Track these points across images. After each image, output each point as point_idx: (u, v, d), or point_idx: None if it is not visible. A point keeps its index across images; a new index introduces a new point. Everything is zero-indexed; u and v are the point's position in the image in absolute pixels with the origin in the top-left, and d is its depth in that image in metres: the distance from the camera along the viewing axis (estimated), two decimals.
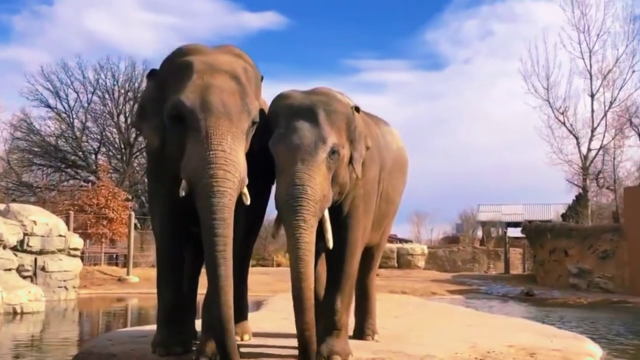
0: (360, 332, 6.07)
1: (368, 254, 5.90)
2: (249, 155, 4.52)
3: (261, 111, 4.73)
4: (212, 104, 4.29)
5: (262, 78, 4.95)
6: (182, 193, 4.33)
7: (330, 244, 4.60)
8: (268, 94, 5.04)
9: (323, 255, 5.17)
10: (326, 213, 4.54)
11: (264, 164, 4.65)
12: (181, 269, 5.26)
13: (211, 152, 4.19)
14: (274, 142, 4.55)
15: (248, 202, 4.40)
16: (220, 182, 4.15)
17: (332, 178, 4.56)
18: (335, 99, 4.75)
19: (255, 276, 4.21)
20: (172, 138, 4.53)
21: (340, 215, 4.94)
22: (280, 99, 4.81)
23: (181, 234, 5.06)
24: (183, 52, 4.66)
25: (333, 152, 4.50)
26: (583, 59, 28.63)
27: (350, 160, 4.76)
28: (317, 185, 4.38)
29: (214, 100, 4.30)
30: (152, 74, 4.82)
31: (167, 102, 4.47)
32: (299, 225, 4.31)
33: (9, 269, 11.83)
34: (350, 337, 5.34)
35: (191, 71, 4.44)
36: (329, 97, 4.74)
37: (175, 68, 4.56)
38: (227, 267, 4.17)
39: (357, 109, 4.91)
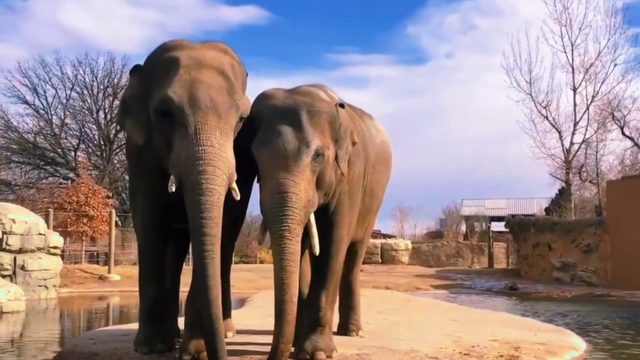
0: (345, 328, 6.05)
1: (352, 249, 5.87)
2: (234, 150, 4.47)
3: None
4: (201, 100, 4.24)
5: (247, 74, 4.90)
6: (172, 188, 4.28)
7: (317, 250, 4.54)
8: (251, 89, 5.00)
9: (307, 252, 5.12)
10: (312, 218, 4.49)
11: (245, 161, 4.57)
12: (163, 266, 5.22)
13: (200, 148, 4.16)
14: (257, 146, 4.49)
15: (238, 197, 4.35)
16: (209, 180, 4.12)
17: (317, 180, 4.51)
18: (318, 99, 4.67)
19: (239, 273, 4.15)
20: (158, 134, 4.47)
21: (326, 212, 4.89)
22: (263, 98, 4.74)
23: (163, 230, 5.02)
24: (168, 48, 4.60)
25: (317, 155, 4.44)
26: (565, 52, 28.83)
27: (336, 159, 4.70)
28: (301, 192, 4.33)
29: (202, 96, 4.26)
30: (135, 70, 4.77)
31: (153, 98, 4.41)
32: (283, 235, 4.27)
33: None
34: (334, 333, 5.32)
35: (177, 66, 4.39)
36: (312, 97, 4.66)
37: (161, 63, 4.50)
38: (214, 267, 4.14)
39: (341, 105, 4.84)
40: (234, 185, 4.32)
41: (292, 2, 69.46)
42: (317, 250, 4.54)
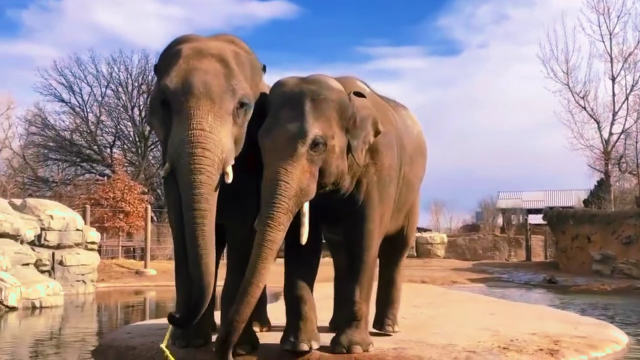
0: (381, 323, 5.90)
1: (393, 242, 5.81)
2: (251, 142, 4.49)
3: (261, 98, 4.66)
4: (194, 85, 4.25)
5: (264, 67, 4.88)
6: (163, 174, 4.38)
7: (304, 240, 4.45)
8: None
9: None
10: (305, 207, 4.42)
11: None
12: None
13: (191, 132, 4.17)
14: (260, 134, 4.48)
15: (229, 181, 4.30)
16: (197, 160, 4.12)
17: (322, 169, 4.44)
18: (326, 87, 4.58)
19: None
20: (163, 123, 4.50)
21: (354, 205, 4.84)
22: (275, 86, 4.72)
23: None
24: (175, 42, 4.66)
25: (316, 144, 4.37)
26: (603, 41, 28.21)
27: (349, 148, 4.61)
28: (293, 181, 4.29)
29: (195, 82, 4.27)
30: (154, 69, 4.79)
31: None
32: (266, 222, 4.26)
33: (27, 264, 11.86)
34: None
35: (179, 57, 4.43)
36: (319, 85, 4.57)
37: (167, 57, 4.56)
38: (205, 238, 4.13)
39: (358, 94, 4.73)
40: (228, 170, 4.28)
41: None
42: (303, 240, 4.45)
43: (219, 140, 4.21)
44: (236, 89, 4.37)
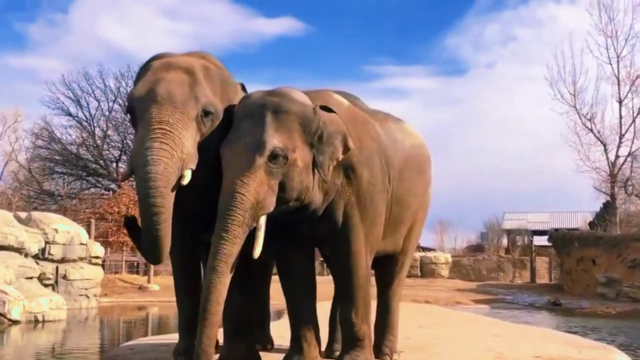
0: (378, 350, 5.44)
1: (389, 263, 5.56)
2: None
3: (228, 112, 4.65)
4: (157, 93, 4.30)
5: (243, 86, 4.92)
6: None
7: (256, 254, 4.27)
8: None
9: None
10: (262, 220, 4.26)
11: None
12: (197, 276, 5.20)
13: (151, 130, 4.18)
14: (222, 145, 4.40)
15: (184, 183, 4.26)
16: (154, 152, 4.11)
17: (283, 183, 4.30)
18: (290, 100, 4.46)
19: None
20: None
21: (334, 225, 4.69)
22: (241, 100, 4.64)
23: (192, 241, 5.05)
24: (150, 59, 4.74)
25: (275, 156, 4.24)
26: (611, 64, 28.32)
27: (314, 164, 4.46)
28: (249, 193, 4.16)
29: (159, 90, 4.31)
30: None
31: None
32: (220, 235, 4.12)
33: (31, 277, 11.88)
34: None
35: (149, 71, 4.53)
36: (282, 98, 4.46)
37: (140, 73, 4.67)
38: (161, 224, 4.09)
39: (325, 108, 4.55)
40: (185, 173, 4.25)
41: (328, 13, 69.68)
42: (256, 254, 4.27)
43: (179, 139, 4.21)
44: (199, 96, 4.39)
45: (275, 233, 4.47)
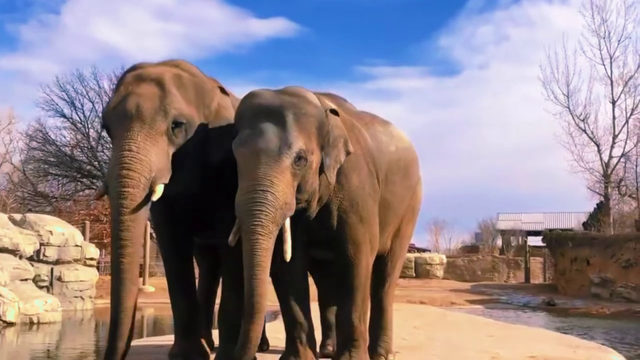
0: (373, 351, 5.42)
1: (379, 264, 5.47)
2: (213, 164, 4.59)
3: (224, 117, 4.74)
4: (126, 109, 4.36)
5: (221, 88, 4.92)
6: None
7: (288, 256, 4.26)
8: None
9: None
10: (287, 223, 4.24)
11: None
12: (188, 277, 5.25)
13: (119, 153, 4.28)
14: (238, 143, 4.31)
15: (155, 199, 4.34)
16: (122, 183, 4.22)
17: (299, 185, 4.29)
18: (306, 101, 4.45)
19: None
20: None
21: (330, 229, 4.70)
22: (248, 97, 4.55)
23: (182, 244, 5.11)
24: (125, 71, 4.81)
25: (299, 158, 4.22)
26: (604, 65, 28.28)
27: (322, 167, 4.46)
28: (279, 192, 4.11)
29: (128, 105, 4.37)
30: None
31: None
32: (256, 230, 4.04)
33: (25, 279, 11.84)
34: None
35: (121, 84, 4.60)
36: (300, 99, 4.44)
37: (116, 85, 4.78)
38: (124, 269, 4.41)
39: (333, 112, 4.60)
40: (156, 188, 4.32)
41: (321, 14, 69.66)
42: (288, 256, 4.25)
43: (146, 160, 4.26)
44: (168, 108, 4.41)
45: None
